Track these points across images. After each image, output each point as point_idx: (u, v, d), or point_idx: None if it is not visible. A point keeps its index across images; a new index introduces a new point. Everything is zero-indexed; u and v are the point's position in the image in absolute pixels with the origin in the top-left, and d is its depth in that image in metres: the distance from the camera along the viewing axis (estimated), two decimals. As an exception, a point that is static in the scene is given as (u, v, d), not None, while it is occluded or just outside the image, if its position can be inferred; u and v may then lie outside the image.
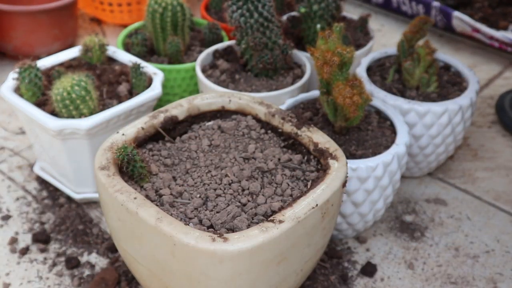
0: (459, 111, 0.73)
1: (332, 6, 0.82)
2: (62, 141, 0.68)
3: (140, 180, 0.53)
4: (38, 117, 0.67)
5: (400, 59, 0.77)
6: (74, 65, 0.78)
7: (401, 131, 0.66)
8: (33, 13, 0.98)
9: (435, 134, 0.73)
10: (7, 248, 0.68)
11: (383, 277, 0.66)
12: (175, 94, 0.86)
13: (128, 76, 0.76)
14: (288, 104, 0.70)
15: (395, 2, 1.21)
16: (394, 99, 0.72)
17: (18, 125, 0.90)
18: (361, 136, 0.66)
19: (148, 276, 0.51)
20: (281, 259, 0.49)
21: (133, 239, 0.49)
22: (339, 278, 0.65)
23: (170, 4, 0.83)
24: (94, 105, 0.68)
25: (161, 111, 0.60)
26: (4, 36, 0.99)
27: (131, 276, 0.64)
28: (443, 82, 0.77)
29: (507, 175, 0.83)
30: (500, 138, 0.90)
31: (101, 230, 0.71)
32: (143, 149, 0.57)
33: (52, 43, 1.02)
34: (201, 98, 0.62)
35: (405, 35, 0.76)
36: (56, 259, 0.67)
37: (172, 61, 0.85)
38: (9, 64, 1.03)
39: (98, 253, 0.68)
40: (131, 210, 0.47)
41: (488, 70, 1.07)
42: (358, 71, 0.78)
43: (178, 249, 0.45)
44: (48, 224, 0.72)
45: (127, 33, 0.90)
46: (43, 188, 0.77)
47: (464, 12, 1.14)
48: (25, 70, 0.70)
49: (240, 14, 0.74)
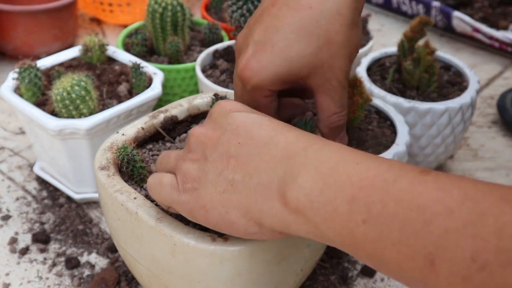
0: (460, 111, 0.73)
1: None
2: (62, 141, 0.68)
3: (140, 180, 0.53)
4: (38, 117, 0.67)
5: (400, 59, 0.77)
6: (74, 65, 0.78)
7: (401, 131, 0.66)
8: (33, 13, 0.98)
9: (435, 134, 0.73)
10: (7, 248, 0.68)
11: (383, 277, 0.66)
12: (175, 94, 0.86)
13: (128, 76, 0.76)
14: (288, 104, 0.70)
15: (395, 2, 1.21)
16: (394, 99, 0.72)
17: (18, 125, 0.90)
18: (361, 136, 0.66)
19: (148, 276, 0.51)
20: (281, 259, 0.49)
21: (133, 239, 0.49)
22: (339, 278, 0.65)
23: (170, 4, 0.83)
24: (94, 105, 0.68)
25: (161, 111, 0.60)
26: (4, 36, 0.99)
27: (131, 276, 0.64)
28: (443, 82, 0.77)
29: (507, 175, 0.83)
30: (500, 138, 0.90)
31: (101, 230, 0.71)
32: (143, 149, 0.57)
33: (52, 43, 1.02)
34: (201, 98, 0.62)
35: (405, 35, 0.76)
36: (56, 259, 0.67)
37: (172, 61, 0.85)
38: (9, 64, 1.03)
39: (98, 253, 0.68)
40: (131, 210, 0.47)
41: (489, 70, 1.07)
42: (358, 71, 0.78)
43: (178, 249, 0.45)
44: (48, 224, 0.72)
45: (127, 33, 0.90)
46: (43, 188, 0.77)
47: (464, 12, 1.14)
48: (25, 70, 0.70)
49: (240, 14, 0.74)
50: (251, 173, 0.39)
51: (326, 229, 0.35)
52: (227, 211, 0.39)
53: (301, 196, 0.36)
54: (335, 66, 0.46)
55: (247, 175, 0.39)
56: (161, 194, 0.43)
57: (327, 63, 0.46)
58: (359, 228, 0.33)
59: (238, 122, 0.41)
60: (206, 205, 0.40)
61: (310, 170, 0.36)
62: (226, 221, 0.40)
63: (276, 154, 0.38)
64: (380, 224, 0.32)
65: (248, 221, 0.39)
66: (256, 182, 0.38)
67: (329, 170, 0.36)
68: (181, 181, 0.42)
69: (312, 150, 0.38)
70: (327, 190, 0.35)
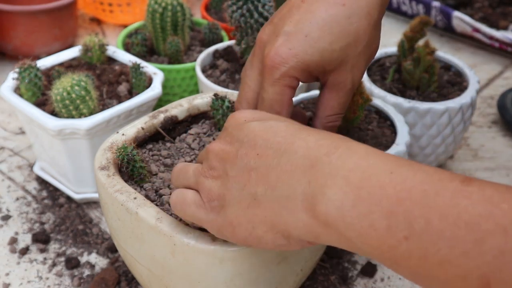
0: (460, 111, 0.72)
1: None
2: (62, 141, 0.68)
3: (140, 180, 0.53)
4: (38, 117, 0.67)
5: (400, 59, 0.77)
6: (74, 65, 0.78)
7: (401, 131, 0.66)
8: (33, 13, 0.98)
9: (435, 134, 0.73)
10: (7, 248, 0.68)
11: (383, 277, 0.66)
12: (175, 94, 0.86)
13: (128, 76, 0.76)
14: (288, 104, 0.70)
15: (395, 2, 1.21)
16: (394, 99, 0.72)
17: (18, 125, 0.90)
18: (361, 136, 0.66)
19: (148, 276, 0.51)
20: (281, 259, 0.49)
21: (133, 239, 0.49)
22: (339, 278, 0.65)
23: (170, 4, 0.83)
24: (94, 105, 0.68)
25: (161, 111, 0.60)
26: (4, 36, 0.99)
27: (131, 276, 0.64)
28: (443, 82, 0.77)
29: (507, 175, 0.83)
30: (500, 138, 0.90)
31: (101, 230, 0.71)
32: (143, 149, 0.57)
33: (52, 43, 1.02)
34: (201, 98, 0.62)
35: (405, 35, 0.76)
36: (56, 259, 0.67)
37: (172, 61, 0.85)
38: (9, 64, 1.03)
39: (98, 253, 0.68)
40: (131, 210, 0.47)
41: (489, 70, 1.07)
42: (358, 71, 0.78)
43: (178, 249, 0.45)
44: (48, 224, 0.72)
45: (127, 33, 0.90)
46: (43, 188, 0.77)
47: (464, 12, 1.14)
48: (25, 70, 0.70)
49: (240, 14, 0.74)
50: (273, 185, 0.37)
51: (361, 244, 0.34)
52: (254, 226, 0.38)
53: (332, 209, 0.34)
54: (356, 66, 0.47)
55: (269, 187, 0.37)
56: (186, 212, 0.42)
57: (351, 61, 0.46)
58: (401, 245, 0.32)
59: (254, 133, 0.40)
60: (233, 222, 0.39)
61: (339, 180, 0.34)
62: (254, 236, 0.39)
63: (297, 163, 0.37)
64: (424, 241, 0.31)
65: (275, 234, 0.38)
66: (279, 194, 0.37)
67: (359, 181, 0.34)
68: (206, 199, 0.41)
69: (336, 157, 0.36)
70: (361, 204, 0.33)
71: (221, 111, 0.59)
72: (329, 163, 0.36)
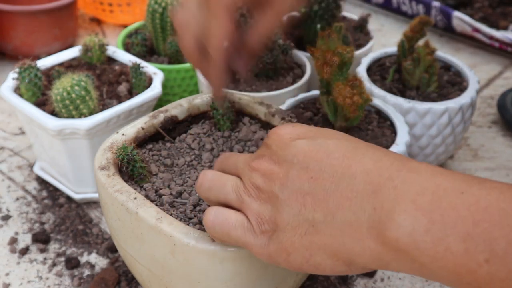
0: (459, 111, 0.73)
1: (332, 6, 0.82)
2: (62, 141, 0.68)
3: (140, 180, 0.53)
4: (38, 117, 0.67)
5: (400, 59, 0.77)
6: (74, 65, 0.78)
7: (401, 131, 0.66)
8: (33, 13, 0.98)
9: (435, 134, 0.73)
10: (7, 248, 0.68)
11: (383, 277, 0.66)
12: (175, 94, 0.86)
13: (128, 76, 0.76)
14: (288, 104, 0.70)
15: (395, 2, 1.21)
16: (394, 99, 0.72)
17: (18, 125, 0.90)
18: (361, 136, 0.66)
19: (148, 276, 0.51)
20: (281, 259, 0.49)
21: (133, 239, 0.49)
22: (339, 278, 0.65)
23: (170, 4, 0.83)
24: (94, 105, 0.68)
25: (161, 111, 0.60)
26: (4, 36, 1.00)
27: (131, 276, 0.64)
28: (443, 82, 0.77)
29: (507, 175, 0.83)
30: (500, 138, 0.90)
31: (101, 230, 0.71)
32: (143, 149, 0.57)
33: (52, 43, 1.03)
34: (201, 98, 0.62)
35: (405, 35, 0.76)
36: (56, 259, 0.67)
37: (172, 61, 0.85)
38: (9, 64, 1.03)
39: (98, 253, 0.68)
40: (131, 210, 0.47)
41: (488, 70, 1.07)
42: (358, 71, 0.78)
43: (178, 249, 0.45)
44: (48, 224, 0.72)
45: (127, 33, 0.90)
46: (43, 188, 0.77)
47: (464, 12, 1.14)
48: (25, 70, 0.70)
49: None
50: (333, 211, 0.36)
51: (436, 269, 0.32)
52: (312, 253, 0.37)
53: (403, 236, 0.33)
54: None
55: (329, 214, 0.36)
56: (230, 235, 0.40)
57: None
58: (481, 268, 0.31)
59: (303, 153, 0.38)
60: (288, 248, 0.38)
61: (407, 205, 0.33)
62: (311, 263, 0.37)
63: (358, 189, 0.35)
64: (508, 263, 0.30)
65: (335, 262, 0.37)
66: (340, 221, 0.36)
67: (429, 204, 0.33)
68: (256, 222, 0.39)
69: (400, 181, 0.34)
70: (434, 228, 0.32)
71: (221, 111, 0.59)
72: (394, 188, 0.34)
